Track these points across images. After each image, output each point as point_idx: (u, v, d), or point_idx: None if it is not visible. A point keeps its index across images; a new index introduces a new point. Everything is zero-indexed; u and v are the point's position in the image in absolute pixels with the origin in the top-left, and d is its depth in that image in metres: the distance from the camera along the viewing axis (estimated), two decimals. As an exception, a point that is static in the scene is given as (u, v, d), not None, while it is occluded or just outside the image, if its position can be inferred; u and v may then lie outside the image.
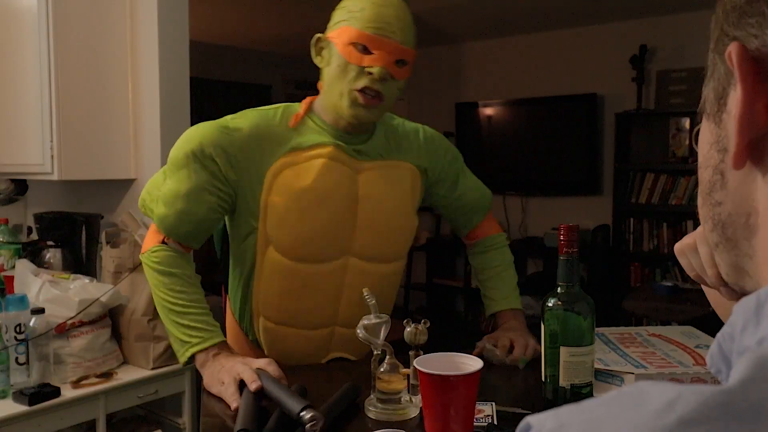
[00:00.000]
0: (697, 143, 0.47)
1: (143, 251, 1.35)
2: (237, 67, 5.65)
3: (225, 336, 1.34)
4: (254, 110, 1.32)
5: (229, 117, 1.30)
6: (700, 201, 0.48)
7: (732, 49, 0.39)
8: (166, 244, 1.32)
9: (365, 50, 1.23)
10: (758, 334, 0.35)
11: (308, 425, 0.98)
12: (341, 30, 1.25)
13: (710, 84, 0.44)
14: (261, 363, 1.20)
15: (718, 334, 0.40)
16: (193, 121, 2.63)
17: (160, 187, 1.33)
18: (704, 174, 0.45)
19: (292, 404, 1.03)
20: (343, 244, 1.33)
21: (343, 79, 1.25)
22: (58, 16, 2.26)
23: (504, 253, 1.61)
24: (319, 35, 1.31)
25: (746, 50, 0.39)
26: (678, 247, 0.60)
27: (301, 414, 1.00)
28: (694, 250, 0.58)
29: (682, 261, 0.59)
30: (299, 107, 1.33)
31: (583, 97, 4.81)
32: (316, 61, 1.33)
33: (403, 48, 1.26)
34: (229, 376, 1.17)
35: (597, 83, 4.82)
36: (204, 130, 1.27)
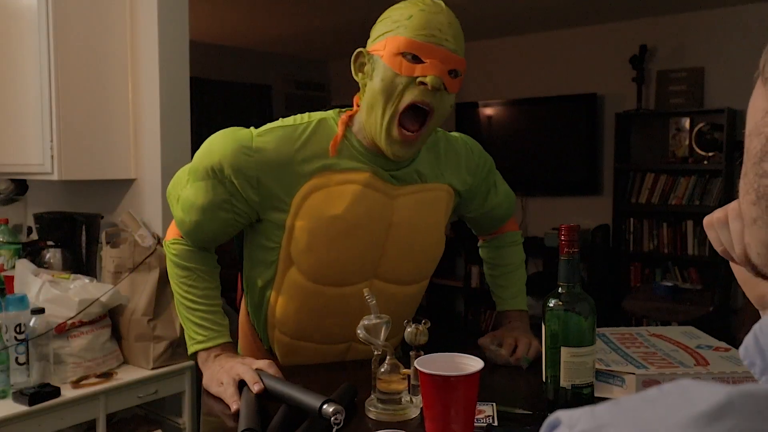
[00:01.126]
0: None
1: (166, 239, 1.34)
2: (237, 67, 5.65)
3: (231, 336, 1.32)
4: (282, 126, 1.21)
5: (255, 132, 1.20)
6: (744, 170, 0.45)
7: None
8: (183, 241, 1.31)
9: (416, 59, 1.13)
10: None
11: (332, 418, 0.98)
12: (387, 40, 1.14)
13: None
14: (261, 364, 1.20)
15: (755, 326, 0.38)
16: (193, 122, 2.64)
17: (182, 186, 1.27)
18: (754, 142, 0.42)
19: (310, 399, 1.02)
20: (369, 268, 1.27)
21: (390, 95, 1.13)
22: (58, 16, 2.26)
23: (519, 252, 1.58)
24: (360, 49, 1.19)
25: None
26: (707, 220, 0.56)
27: (323, 408, 0.99)
28: (724, 224, 0.53)
29: (711, 234, 0.54)
30: (334, 123, 1.22)
31: (583, 97, 4.81)
32: (358, 78, 1.20)
33: (457, 57, 1.16)
34: (228, 376, 1.17)
35: (597, 83, 4.82)
36: (225, 146, 1.18)
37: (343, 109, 1.25)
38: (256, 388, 1.12)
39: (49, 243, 2.46)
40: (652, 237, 4.60)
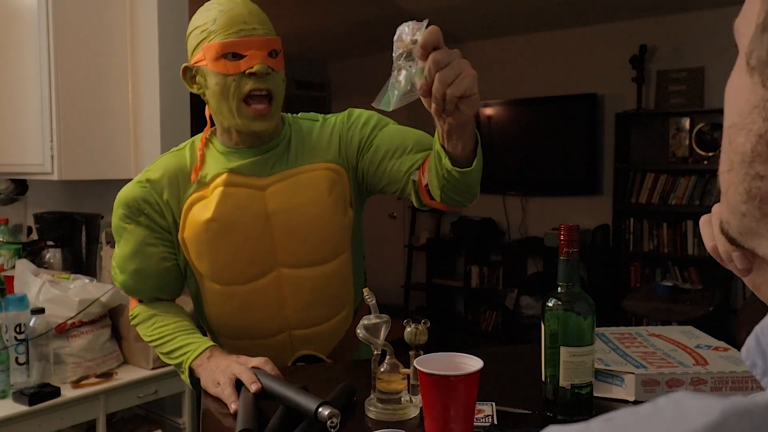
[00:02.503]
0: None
1: (130, 316, 1.41)
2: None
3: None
4: (168, 154, 1.36)
5: (146, 170, 1.35)
6: (727, 165, 0.43)
7: None
8: (142, 302, 1.39)
9: (237, 56, 1.21)
10: None
11: (328, 422, 0.98)
12: (204, 49, 1.23)
13: (764, 35, 0.38)
14: (257, 362, 1.20)
15: (757, 327, 0.37)
16: (193, 121, 2.63)
17: (114, 253, 1.38)
18: (739, 138, 0.41)
19: (306, 402, 1.02)
20: (266, 259, 1.31)
21: (227, 94, 1.23)
22: (58, 16, 2.26)
23: None
24: (185, 65, 1.29)
25: None
26: (704, 218, 0.54)
27: (319, 411, 0.99)
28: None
29: (705, 232, 0.53)
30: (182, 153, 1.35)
31: (583, 97, 4.81)
32: (193, 90, 1.31)
33: (269, 38, 1.25)
34: (225, 376, 1.17)
35: (597, 83, 4.82)
36: (125, 191, 1.33)
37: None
38: (253, 387, 1.12)
39: (49, 243, 2.46)
40: (652, 237, 4.60)
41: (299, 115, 1.42)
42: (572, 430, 0.31)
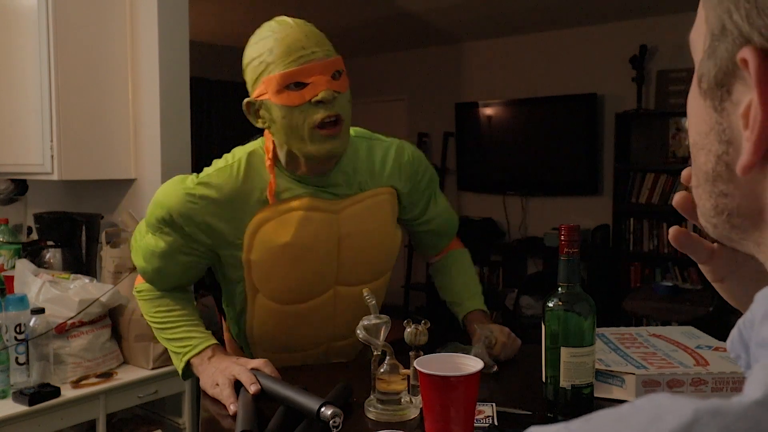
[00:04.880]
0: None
1: (135, 288, 1.40)
2: (237, 67, 5.61)
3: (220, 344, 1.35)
4: (218, 169, 1.25)
5: (196, 179, 1.24)
6: (695, 182, 0.44)
7: (748, 56, 0.36)
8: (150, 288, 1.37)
9: (300, 85, 1.16)
10: None
11: (331, 422, 0.98)
12: (264, 82, 1.18)
13: (710, 60, 0.40)
14: (256, 363, 1.20)
15: (740, 320, 0.39)
16: (193, 121, 2.63)
17: (142, 236, 1.32)
18: (701, 157, 0.42)
19: (308, 402, 1.02)
20: (329, 280, 1.32)
21: (296, 125, 1.17)
22: (58, 16, 2.26)
23: (467, 261, 1.57)
24: (247, 100, 1.23)
25: (763, 57, 0.35)
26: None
27: (322, 410, 0.99)
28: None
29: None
30: (262, 151, 1.27)
31: (583, 97, 4.81)
32: (258, 124, 1.25)
33: (330, 60, 1.19)
34: (224, 377, 1.17)
35: (597, 83, 4.82)
36: (172, 197, 1.23)
37: (259, 139, 1.31)
38: (252, 389, 1.12)
39: (49, 243, 2.46)
40: (652, 237, 4.60)
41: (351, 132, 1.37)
42: (552, 430, 0.31)
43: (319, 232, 1.26)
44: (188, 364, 1.28)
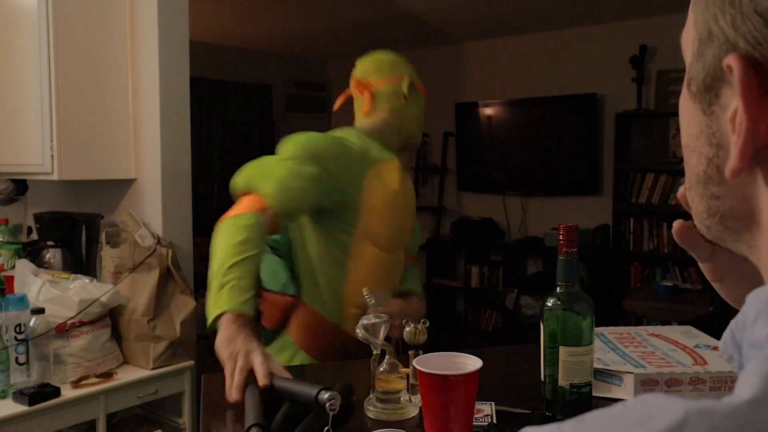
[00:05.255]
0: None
1: (228, 216, 1.35)
2: (237, 67, 5.65)
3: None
4: (331, 138, 1.53)
5: (333, 136, 1.54)
6: (688, 184, 0.45)
7: (732, 63, 0.36)
8: (259, 214, 1.34)
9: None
10: None
11: (327, 404, 1.00)
12: (418, 86, 1.67)
13: (698, 63, 0.40)
14: (260, 359, 1.18)
15: (732, 321, 0.39)
16: (193, 121, 2.63)
17: (273, 168, 1.41)
18: (692, 160, 0.43)
19: (307, 389, 1.04)
20: (405, 236, 1.64)
21: (423, 112, 1.68)
22: (58, 16, 2.26)
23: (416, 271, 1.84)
24: (409, 82, 1.65)
25: (748, 64, 0.35)
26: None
27: (319, 395, 1.01)
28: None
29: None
30: (354, 136, 1.59)
31: (583, 97, 4.81)
32: (408, 99, 1.64)
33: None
34: (243, 361, 1.14)
35: (597, 83, 4.82)
36: (320, 138, 1.48)
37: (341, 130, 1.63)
38: (263, 382, 1.11)
39: (49, 243, 2.46)
40: (652, 237, 4.60)
41: None
42: (545, 430, 0.32)
43: (406, 186, 1.62)
44: (221, 315, 1.22)
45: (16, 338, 1.87)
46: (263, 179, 1.39)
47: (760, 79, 0.35)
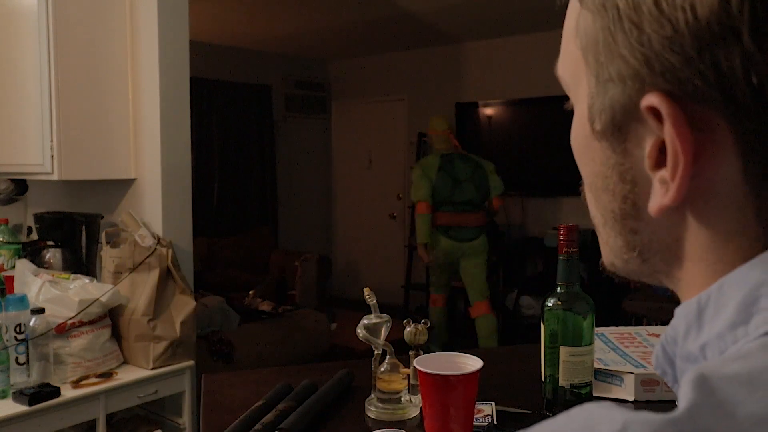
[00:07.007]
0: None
1: (420, 214, 3.08)
2: (237, 67, 5.65)
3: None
4: (431, 157, 3.53)
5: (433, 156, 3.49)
6: (601, 220, 0.44)
7: (657, 103, 0.34)
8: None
9: None
10: (700, 340, 0.36)
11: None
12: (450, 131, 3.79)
13: (600, 102, 0.39)
14: None
15: (662, 337, 0.40)
16: (193, 121, 2.63)
17: (419, 178, 3.71)
18: (604, 198, 0.42)
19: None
20: None
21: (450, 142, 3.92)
22: (58, 16, 2.26)
23: None
24: (447, 134, 3.52)
25: (673, 102, 0.34)
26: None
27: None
28: None
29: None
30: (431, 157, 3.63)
31: (583, 97, 4.81)
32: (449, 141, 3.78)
33: None
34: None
35: (597, 83, 4.82)
36: (430, 158, 3.56)
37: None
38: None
39: (49, 243, 2.46)
40: (652, 237, 4.60)
41: None
42: None
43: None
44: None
45: (16, 338, 1.87)
46: (415, 190, 3.21)
47: (686, 115, 0.34)
